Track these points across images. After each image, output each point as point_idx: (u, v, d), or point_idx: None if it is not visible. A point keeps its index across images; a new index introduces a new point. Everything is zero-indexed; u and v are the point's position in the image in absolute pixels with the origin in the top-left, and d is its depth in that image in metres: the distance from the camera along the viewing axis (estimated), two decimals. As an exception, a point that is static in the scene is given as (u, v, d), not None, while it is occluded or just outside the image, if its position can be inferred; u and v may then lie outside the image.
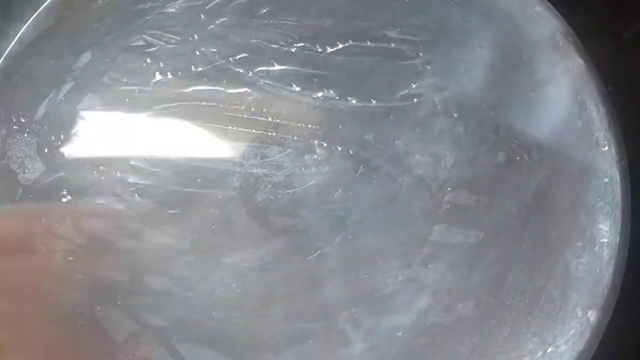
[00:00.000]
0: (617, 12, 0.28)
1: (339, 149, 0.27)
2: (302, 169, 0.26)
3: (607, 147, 0.24)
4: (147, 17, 0.28)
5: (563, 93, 0.25)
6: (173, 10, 0.28)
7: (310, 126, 0.27)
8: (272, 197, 0.26)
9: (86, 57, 0.27)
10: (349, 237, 0.25)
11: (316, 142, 0.27)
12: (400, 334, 0.22)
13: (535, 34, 0.26)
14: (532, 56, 0.26)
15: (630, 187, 0.23)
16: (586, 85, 0.25)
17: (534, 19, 0.27)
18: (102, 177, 0.25)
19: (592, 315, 0.22)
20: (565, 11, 0.26)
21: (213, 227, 0.25)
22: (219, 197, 0.26)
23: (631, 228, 0.23)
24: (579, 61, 0.25)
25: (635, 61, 0.29)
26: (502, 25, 0.27)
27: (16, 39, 0.26)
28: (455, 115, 0.26)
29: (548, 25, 0.26)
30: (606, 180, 0.24)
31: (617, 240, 0.23)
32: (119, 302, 0.23)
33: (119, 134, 0.26)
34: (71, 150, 0.26)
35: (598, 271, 0.22)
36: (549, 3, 0.27)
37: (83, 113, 0.26)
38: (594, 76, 0.25)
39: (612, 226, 0.23)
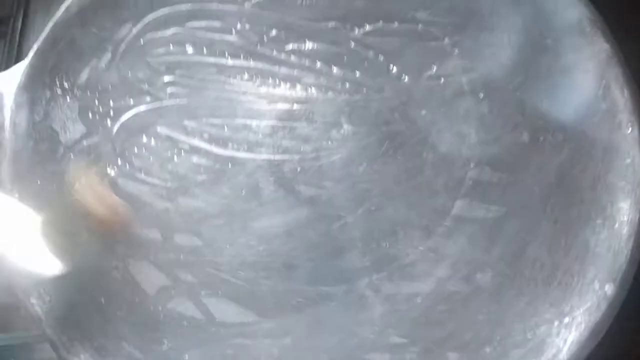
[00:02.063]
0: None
1: (366, 124, 0.27)
2: (329, 142, 0.27)
3: (630, 130, 0.24)
4: (187, -7, 0.29)
5: (588, 76, 0.26)
6: (212, -14, 0.29)
7: (338, 102, 0.28)
8: (299, 168, 0.27)
9: (127, 28, 0.28)
10: (372, 208, 0.26)
11: (343, 117, 0.28)
12: (419, 300, 0.23)
13: (562, 19, 0.27)
14: (559, 40, 0.27)
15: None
16: (611, 69, 0.25)
17: (561, 4, 0.27)
18: (138, 143, 0.26)
19: (610, 289, 0.22)
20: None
21: (242, 193, 0.26)
22: (249, 165, 0.27)
23: (652, 208, 0.23)
24: (605, 46, 0.26)
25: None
26: (530, 10, 0.28)
27: (63, 8, 0.28)
28: (481, 95, 0.27)
29: (575, 11, 0.27)
30: (628, 160, 0.24)
31: (637, 218, 0.23)
32: (151, 257, 0.24)
33: (155, 102, 0.27)
34: (110, 115, 0.27)
35: (617, 247, 0.23)
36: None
37: (122, 81, 0.28)
38: (619, 60, 0.25)
39: (633, 205, 0.23)
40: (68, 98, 0.27)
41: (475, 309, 0.23)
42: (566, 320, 0.22)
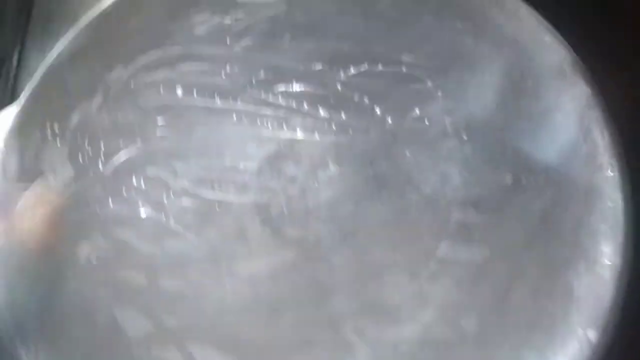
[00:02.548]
0: (624, 43, 0.29)
1: (352, 166, 0.28)
2: (316, 183, 0.28)
3: (611, 172, 0.25)
4: (177, 35, 0.30)
5: (569, 119, 0.26)
6: (202, 28, 0.30)
7: (324, 143, 0.28)
8: (285, 209, 0.27)
9: (117, 71, 0.29)
10: (359, 250, 0.26)
11: (330, 159, 0.28)
12: (405, 347, 0.23)
13: (544, 62, 0.28)
14: (540, 83, 0.27)
15: (633, 212, 0.24)
16: (592, 112, 0.26)
17: (543, 48, 0.28)
18: (127, 186, 0.27)
19: (592, 335, 0.22)
20: (573, 41, 0.28)
21: (228, 235, 0.26)
22: (236, 207, 0.27)
23: (634, 251, 0.23)
24: (585, 89, 0.26)
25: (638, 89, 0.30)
26: (512, 53, 0.28)
27: (53, 51, 0.28)
28: (464, 137, 0.28)
29: (556, 54, 0.27)
30: (610, 204, 0.24)
31: (619, 263, 0.23)
32: (137, 303, 0.24)
33: (145, 144, 0.28)
34: (100, 158, 0.27)
35: (600, 292, 0.23)
36: (557, 33, 0.28)
37: (112, 124, 0.28)
38: (600, 103, 0.26)
39: (615, 249, 0.23)
40: (58, 142, 0.28)
41: (460, 356, 0.23)
42: (549, 366, 0.22)
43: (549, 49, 0.28)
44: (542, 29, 0.28)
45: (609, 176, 0.25)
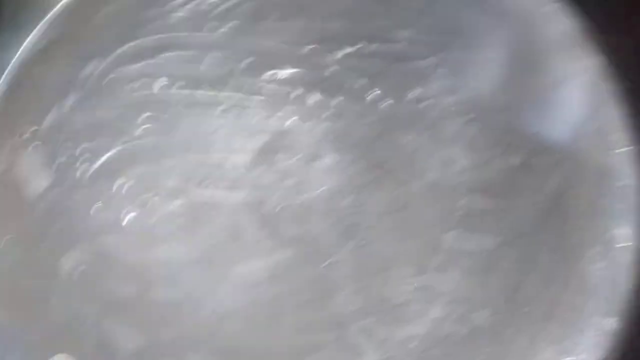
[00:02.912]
0: (634, 9, 0.27)
1: (350, 154, 0.26)
2: (312, 174, 0.26)
3: (624, 149, 0.23)
4: (154, 24, 0.28)
5: (579, 93, 0.25)
6: (180, 14, 0.28)
7: (319, 131, 0.27)
8: (281, 205, 0.25)
9: (92, 65, 0.27)
10: (361, 244, 0.24)
11: (326, 146, 0.26)
12: (414, 344, 0.22)
13: (550, 33, 0.26)
14: (547, 56, 0.26)
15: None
16: (602, 85, 0.24)
17: (549, 18, 0.26)
18: (109, 189, 0.25)
19: (611, 323, 0.21)
20: (580, 8, 0.26)
21: (222, 237, 0.25)
22: (228, 206, 0.25)
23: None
24: (596, 60, 0.25)
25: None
26: (516, 25, 0.26)
27: (22, 48, 0.26)
28: (469, 117, 0.26)
29: (563, 24, 0.26)
30: (623, 183, 0.23)
31: (636, 246, 0.22)
32: (127, 315, 0.23)
33: (124, 142, 0.26)
34: (80, 159, 0.26)
35: (616, 277, 0.22)
36: (565, 1, 0.26)
37: (89, 121, 0.26)
38: (611, 75, 0.24)
39: (630, 231, 0.22)
40: (32, 147, 0.26)
41: (473, 351, 0.22)
42: (569, 359, 0.21)
43: (556, 19, 0.26)
44: (547, -4, 0.27)
45: (621, 154, 0.24)
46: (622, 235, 0.23)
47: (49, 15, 0.27)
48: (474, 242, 0.24)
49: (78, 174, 0.25)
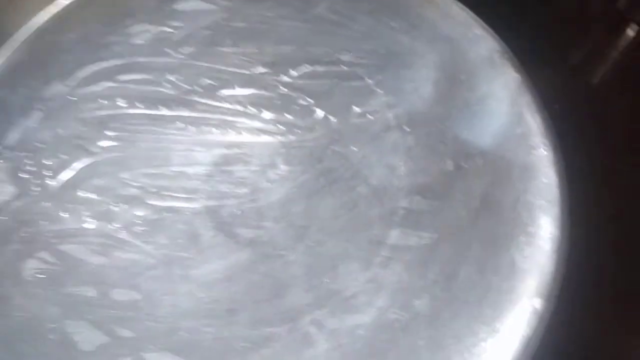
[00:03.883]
0: (548, 30, 0.31)
1: (301, 164, 0.28)
2: (266, 183, 0.28)
3: (544, 151, 0.26)
4: (115, 48, 0.30)
5: (502, 105, 0.28)
6: (141, 41, 0.30)
7: (272, 144, 0.29)
8: (237, 211, 0.27)
9: (55, 86, 0.29)
10: (312, 244, 0.26)
11: (279, 158, 0.28)
12: (362, 332, 0.24)
13: (476, 54, 0.29)
14: (473, 74, 0.29)
15: (567, 185, 0.26)
16: (523, 97, 0.28)
17: (474, 41, 0.29)
18: (71, 201, 0.26)
19: (538, 304, 0.23)
20: (501, 32, 0.29)
21: (180, 241, 0.26)
22: (186, 213, 0.27)
23: (569, 222, 0.25)
24: (515, 75, 0.28)
25: (566, 74, 0.32)
26: (446, 48, 0.30)
27: (-11, 70, 0.28)
28: (407, 129, 0.29)
29: (487, 46, 0.29)
30: (545, 180, 0.26)
31: (558, 234, 0.24)
32: (88, 316, 0.24)
33: (86, 158, 0.27)
34: (44, 174, 0.27)
35: (541, 263, 0.24)
36: (487, 26, 0.30)
37: (52, 139, 0.28)
38: (530, 88, 0.28)
39: (552, 221, 0.25)
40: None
41: (415, 335, 0.23)
42: (499, 336, 0.23)
43: (480, 42, 0.29)
44: (473, 23, 0.30)
45: (542, 155, 0.26)
46: (545, 226, 0.25)
47: (13, 39, 0.29)
48: (415, 238, 0.26)
49: (41, 187, 0.27)
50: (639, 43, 0.35)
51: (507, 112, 0.28)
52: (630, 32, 0.35)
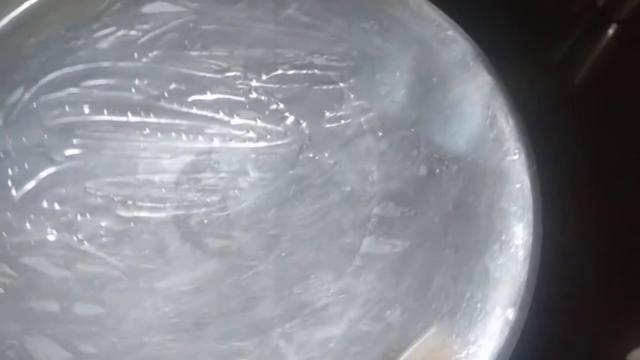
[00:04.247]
0: (522, 30, 0.31)
1: (272, 171, 0.28)
2: (236, 191, 0.27)
3: (517, 156, 0.26)
4: (80, 53, 0.29)
5: (475, 108, 0.27)
6: (105, 45, 0.29)
7: (243, 150, 0.28)
8: (206, 220, 0.26)
9: (19, 92, 0.28)
10: (282, 254, 0.25)
11: (249, 164, 0.28)
12: (332, 344, 0.23)
13: (448, 56, 0.29)
14: (446, 76, 0.28)
15: (541, 191, 0.25)
16: (496, 100, 0.27)
17: (447, 43, 0.29)
18: (34, 210, 0.25)
19: (511, 314, 0.23)
20: (474, 34, 0.29)
21: (146, 252, 0.25)
22: (152, 223, 0.26)
23: (543, 229, 0.24)
24: (488, 78, 0.27)
25: (541, 75, 0.31)
26: (418, 49, 0.29)
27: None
28: (380, 133, 0.28)
29: (459, 47, 0.28)
30: (518, 185, 0.25)
31: (531, 241, 0.24)
32: (50, 331, 0.23)
33: (49, 167, 0.27)
34: (6, 184, 0.26)
35: (514, 271, 0.24)
36: (459, 27, 0.29)
37: (13, 147, 0.27)
38: (503, 91, 0.27)
39: (525, 228, 0.24)
40: (-44, 170, 0.26)
41: (387, 346, 0.23)
42: (472, 349, 0.22)
43: (453, 44, 0.29)
44: (445, 25, 0.29)
45: (515, 160, 0.26)
46: (519, 232, 0.25)
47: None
48: (387, 246, 0.25)
49: (1, 197, 0.26)
50: (618, 43, 0.34)
51: (480, 115, 0.27)
52: (610, 32, 0.35)
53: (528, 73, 0.30)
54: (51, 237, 0.25)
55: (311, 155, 0.28)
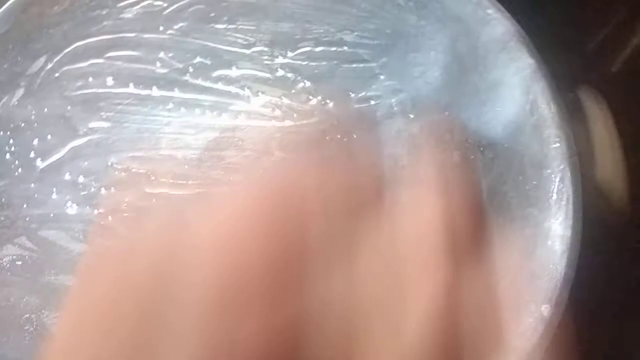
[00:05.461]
0: (565, 12, 0.29)
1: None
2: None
3: (558, 144, 0.24)
4: (104, 23, 0.28)
5: (515, 92, 0.26)
6: (130, 15, 0.28)
7: (268, 129, 0.27)
8: (228, 199, 0.25)
9: (41, 61, 0.27)
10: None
11: (274, 144, 0.27)
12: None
13: (488, 37, 0.27)
14: (485, 58, 0.27)
15: (581, 183, 0.24)
16: (537, 84, 0.26)
17: (486, 21, 0.27)
18: (53, 182, 0.25)
19: (546, 310, 0.22)
20: (516, 13, 0.27)
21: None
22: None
23: (583, 222, 0.23)
24: (530, 61, 0.26)
25: (585, 59, 0.30)
26: (456, 28, 0.28)
27: (-31, 43, 0.26)
28: (412, 116, 0.27)
29: (499, 28, 0.27)
30: (558, 175, 0.24)
31: (569, 235, 0.23)
32: (68, 306, 0.22)
33: (71, 138, 0.26)
34: (21, 155, 0.25)
35: (551, 266, 0.22)
36: (500, 5, 0.28)
37: (35, 117, 0.26)
38: (545, 75, 0.26)
39: (564, 221, 0.23)
40: (-24, 138, 0.26)
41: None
42: (504, 345, 0.21)
43: (492, 23, 0.27)
44: (484, 2, 0.28)
45: (555, 148, 0.25)
46: (557, 226, 0.23)
47: (-1, 10, 0.27)
48: (416, 234, 0.24)
49: (23, 168, 0.25)
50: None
51: (519, 100, 0.26)
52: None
53: (570, 56, 0.29)
54: (71, 211, 0.25)
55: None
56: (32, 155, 0.26)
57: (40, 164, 0.25)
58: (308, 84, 0.28)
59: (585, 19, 0.33)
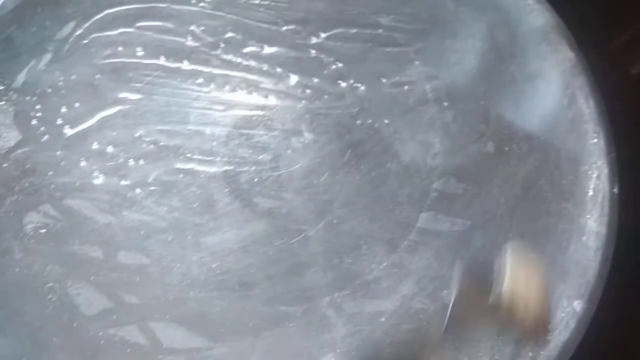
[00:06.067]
0: (608, 5, 0.28)
1: (327, 133, 0.26)
2: (289, 151, 0.26)
3: (596, 140, 0.24)
4: (136, -8, 0.27)
5: (553, 85, 0.25)
6: (163, -14, 0.27)
7: (298, 109, 0.27)
8: (256, 178, 0.25)
9: (70, 27, 0.26)
10: (334, 221, 0.24)
11: (304, 125, 0.26)
12: (383, 319, 0.22)
13: (527, 27, 0.26)
14: (524, 48, 0.26)
15: (618, 179, 0.23)
16: (576, 78, 0.25)
17: (527, 12, 0.27)
18: (80, 151, 0.24)
19: (579, 306, 0.21)
20: (557, 4, 0.26)
21: (194, 206, 0.24)
22: (202, 176, 0.25)
23: (618, 219, 0.23)
24: (570, 54, 0.25)
25: (626, 55, 0.29)
26: (495, 17, 0.27)
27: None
28: (446, 103, 0.26)
29: (540, 18, 0.26)
30: (595, 172, 0.24)
31: (605, 231, 0.22)
32: (92, 278, 0.22)
33: (99, 107, 0.25)
34: (48, 121, 0.25)
35: (585, 262, 0.22)
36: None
37: (63, 84, 0.26)
38: (584, 69, 0.25)
39: (600, 217, 0.23)
40: (3, 101, 0.25)
41: (441, 328, 0.21)
42: (534, 338, 0.21)
43: (533, 14, 0.27)
44: (525, -8, 0.27)
45: (593, 144, 0.24)
46: (592, 221, 0.23)
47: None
48: (446, 223, 0.24)
49: (49, 134, 0.25)
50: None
51: (557, 93, 0.25)
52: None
53: (612, 51, 0.28)
54: (97, 181, 0.24)
55: (369, 121, 0.26)
56: (59, 122, 0.25)
57: (68, 131, 0.25)
58: (340, 65, 0.27)
59: (630, 12, 0.32)
